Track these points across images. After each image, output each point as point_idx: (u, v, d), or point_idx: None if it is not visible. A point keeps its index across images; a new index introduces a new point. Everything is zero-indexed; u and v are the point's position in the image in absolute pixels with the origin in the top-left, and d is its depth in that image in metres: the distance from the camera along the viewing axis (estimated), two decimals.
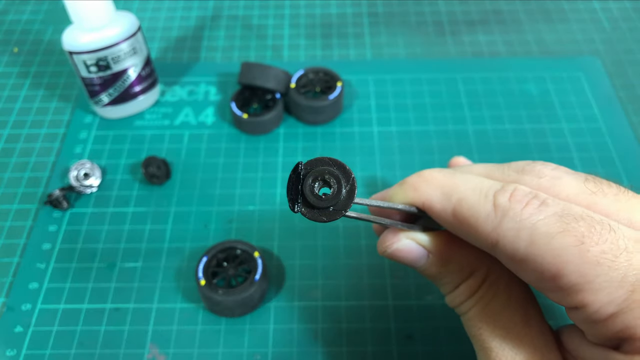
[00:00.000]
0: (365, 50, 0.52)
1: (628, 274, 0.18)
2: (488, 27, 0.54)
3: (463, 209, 0.22)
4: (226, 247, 0.35)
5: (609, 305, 0.18)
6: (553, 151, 0.43)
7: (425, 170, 0.25)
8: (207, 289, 0.33)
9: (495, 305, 0.23)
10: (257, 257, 0.34)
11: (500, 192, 0.21)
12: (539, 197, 0.20)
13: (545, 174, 0.22)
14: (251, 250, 0.35)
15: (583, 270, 0.18)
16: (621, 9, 0.55)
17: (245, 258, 0.35)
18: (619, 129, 0.44)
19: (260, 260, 0.34)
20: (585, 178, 0.22)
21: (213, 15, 0.56)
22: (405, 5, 0.57)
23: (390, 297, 0.35)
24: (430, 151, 0.43)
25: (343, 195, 0.21)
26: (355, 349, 0.33)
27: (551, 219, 0.19)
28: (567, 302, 0.19)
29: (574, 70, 0.49)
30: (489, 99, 0.47)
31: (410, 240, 0.25)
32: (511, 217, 0.20)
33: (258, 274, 0.33)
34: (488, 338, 0.22)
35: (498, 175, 0.24)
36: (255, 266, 0.34)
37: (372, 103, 0.46)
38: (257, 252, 0.34)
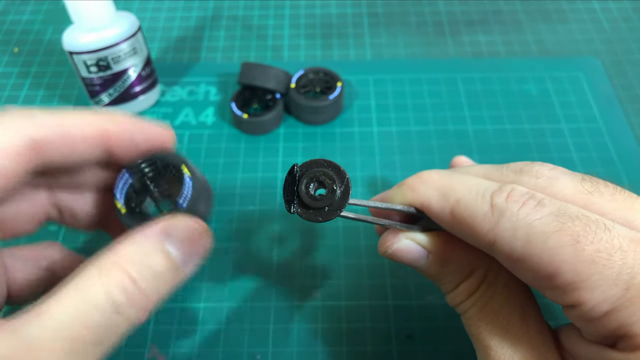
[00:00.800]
0: (365, 50, 0.52)
1: (622, 272, 0.18)
2: (488, 27, 0.54)
3: (461, 210, 0.22)
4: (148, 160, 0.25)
5: (604, 303, 0.18)
6: (553, 151, 0.43)
7: (424, 171, 0.25)
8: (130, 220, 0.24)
9: (494, 304, 0.23)
10: (185, 175, 0.24)
11: (497, 193, 0.21)
12: (536, 197, 0.20)
13: (543, 174, 0.23)
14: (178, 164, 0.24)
15: (578, 269, 0.18)
16: (621, 9, 0.55)
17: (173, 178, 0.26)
18: (619, 129, 0.44)
19: (189, 180, 0.24)
20: (582, 178, 0.22)
21: (213, 16, 0.56)
22: (405, 5, 0.57)
23: (390, 297, 0.35)
24: (430, 151, 0.43)
25: (337, 196, 0.21)
26: (355, 349, 0.33)
27: (547, 219, 0.20)
28: (563, 300, 0.20)
29: (573, 71, 0.49)
30: (489, 99, 0.47)
31: (410, 240, 0.25)
32: (508, 217, 0.20)
33: (183, 198, 0.23)
34: (487, 337, 0.23)
35: (496, 176, 0.24)
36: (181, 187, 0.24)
37: (372, 103, 0.46)
38: (187, 170, 0.24)
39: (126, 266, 0.19)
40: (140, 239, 0.20)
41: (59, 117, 0.21)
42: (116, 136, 0.22)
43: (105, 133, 0.22)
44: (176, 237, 0.21)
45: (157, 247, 0.20)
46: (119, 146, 0.23)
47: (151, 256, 0.20)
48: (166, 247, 0.20)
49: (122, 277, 0.19)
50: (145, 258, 0.20)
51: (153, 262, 0.20)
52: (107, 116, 0.22)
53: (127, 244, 0.20)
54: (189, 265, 0.21)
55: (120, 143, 0.23)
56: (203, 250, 0.22)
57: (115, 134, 0.22)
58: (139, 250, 0.20)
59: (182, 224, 0.21)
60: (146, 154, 0.24)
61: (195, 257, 0.22)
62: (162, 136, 0.24)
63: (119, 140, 0.23)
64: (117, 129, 0.22)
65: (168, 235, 0.21)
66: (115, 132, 0.22)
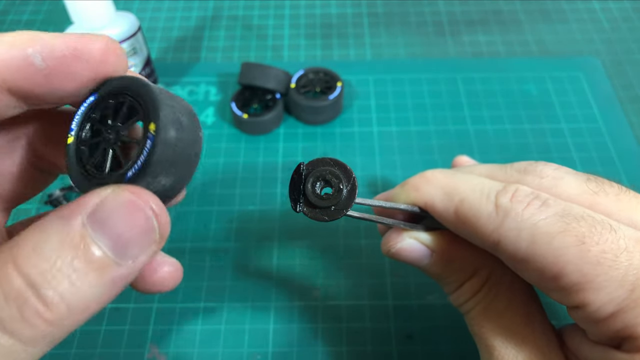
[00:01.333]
0: (365, 50, 0.52)
1: (628, 274, 0.18)
2: (488, 27, 0.54)
3: (465, 209, 0.22)
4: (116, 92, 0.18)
5: (609, 305, 0.18)
6: (553, 151, 0.43)
7: (428, 170, 0.25)
8: (75, 161, 0.18)
9: (498, 304, 0.23)
10: (148, 134, 0.17)
11: (501, 193, 0.21)
12: (540, 197, 0.20)
13: (547, 174, 0.23)
14: (150, 113, 0.17)
15: (584, 270, 0.18)
16: (621, 9, 0.55)
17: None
18: (619, 129, 0.44)
19: (149, 142, 0.16)
20: (587, 178, 0.22)
21: (213, 16, 0.56)
22: (405, 5, 0.57)
23: (390, 297, 0.35)
24: (430, 151, 0.43)
25: (344, 195, 0.21)
26: (355, 349, 0.33)
27: (552, 219, 0.19)
28: (568, 301, 0.20)
29: (573, 71, 0.49)
30: (489, 99, 0.47)
31: (413, 239, 0.25)
32: (512, 217, 0.20)
33: (136, 166, 0.16)
34: (491, 337, 0.23)
35: (500, 176, 0.24)
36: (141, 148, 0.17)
37: (372, 103, 0.46)
38: (152, 125, 0.17)
39: (23, 262, 0.14)
40: (52, 225, 0.15)
41: None
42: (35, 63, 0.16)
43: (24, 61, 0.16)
44: (107, 220, 0.15)
45: (75, 235, 0.15)
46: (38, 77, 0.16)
47: (64, 249, 0.14)
48: (88, 234, 0.15)
49: (17, 287, 0.14)
50: (57, 254, 0.14)
51: (66, 257, 0.14)
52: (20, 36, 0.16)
53: (32, 231, 0.15)
54: (132, 259, 0.16)
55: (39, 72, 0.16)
56: (150, 236, 0.16)
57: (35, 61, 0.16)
58: (48, 242, 0.14)
59: (119, 200, 0.16)
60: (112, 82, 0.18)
61: (139, 245, 0.16)
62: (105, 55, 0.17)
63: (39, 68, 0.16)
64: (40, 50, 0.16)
65: (95, 219, 0.15)
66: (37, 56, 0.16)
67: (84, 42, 0.17)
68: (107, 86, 0.18)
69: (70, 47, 0.16)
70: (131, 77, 0.18)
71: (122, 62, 0.18)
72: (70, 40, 0.17)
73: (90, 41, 0.17)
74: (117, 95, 0.18)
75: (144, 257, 0.16)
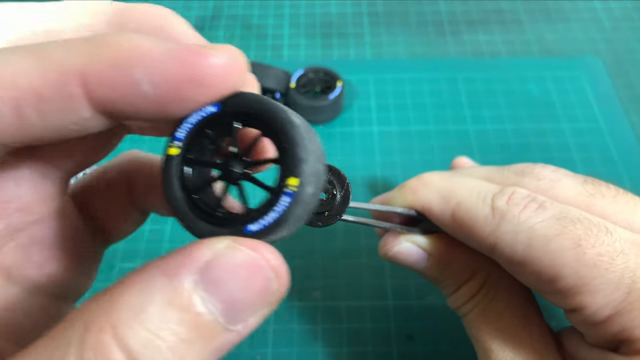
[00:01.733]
0: (365, 50, 0.52)
1: (624, 276, 0.18)
2: (488, 26, 0.54)
3: (462, 212, 0.22)
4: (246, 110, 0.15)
5: (606, 308, 0.18)
6: (553, 151, 0.43)
7: (425, 173, 0.25)
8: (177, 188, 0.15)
9: (495, 307, 0.23)
10: (288, 189, 0.14)
11: (498, 195, 0.21)
12: (537, 200, 0.20)
13: (545, 176, 0.23)
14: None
15: (580, 273, 0.18)
16: (622, 8, 0.55)
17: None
18: (620, 129, 0.44)
19: (288, 197, 0.14)
20: (584, 180, 0.22)
21: (213, 15, 0.56)
22: (405, 4, 0.56)
23: (390, 297, 0.35)
24: (430, 151, 0.43)
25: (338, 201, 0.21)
26: (355, 349, 0.33)
27: (548, 222, 0.19)
28: (565, 304, 0.20)
29: (574, 70, 0.49)
30: (489, 98, 0.46)
31: (410, 243, 0.25)
32: (509, 220, 0.20)
33: (264, 222, 0.14)
34: (488, 340, 0.23)
35: (497, 178, 0.24)
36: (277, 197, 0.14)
37: (372, 103, 0.46)
38: (294, 180, 0.14)
39: (124, 330, 0.12)
40: (155, 284, 0.13)
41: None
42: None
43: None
44: (220, 281, 0.13)
45: (183, 297, 0.13)
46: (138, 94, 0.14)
47: (171, 313, 0.12)
48: (198, 297, 0.13)
49: (113, 355, 0.12)
50: (162, 320, 0.12)
51: (172, 323, 0.12)
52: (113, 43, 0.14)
53: (133, 290, 0.13)
54: (242, 323, 0.14)
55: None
56: (267, 299, 0.14)
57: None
58: (151, 304, 0.12)
59: (236, 258, 0.13)
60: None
61: (253, 309, 0.14)
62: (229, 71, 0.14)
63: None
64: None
65: (207, 279, 0.13)
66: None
67: (202, 61, 0.14)
68: (235, 103, 0.15)
69: (185, 70, 0.13)
70: (272, 104, 0.15)
71: (246, 78, 0.15)
72: (185, 58, 0.13)
73: (209, 56, 0.14)
74: (246, 118, 0.15)
75: (255, 320, 0.14)
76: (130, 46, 0.13)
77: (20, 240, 0.17)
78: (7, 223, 0.17)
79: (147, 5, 0.17)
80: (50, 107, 0.13)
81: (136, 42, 0.13)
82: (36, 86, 0.13)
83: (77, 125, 0.14)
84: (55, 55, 0.13)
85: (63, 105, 0.13)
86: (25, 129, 0.14)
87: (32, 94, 0.13)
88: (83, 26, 0.16)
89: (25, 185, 0.17)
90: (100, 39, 0.14)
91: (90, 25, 0.16)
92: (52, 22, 0.16)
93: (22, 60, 0.13)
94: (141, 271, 0.13)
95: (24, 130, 0.14)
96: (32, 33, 0.16)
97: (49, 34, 0.16)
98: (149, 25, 0.16)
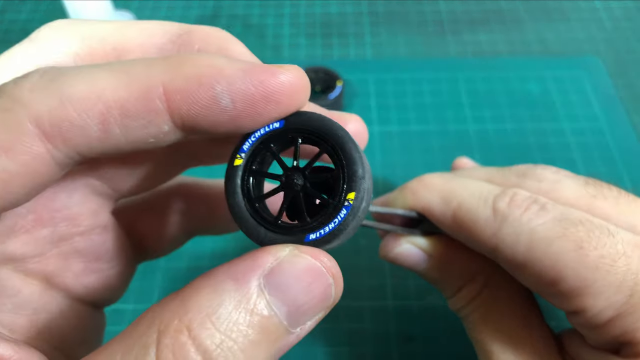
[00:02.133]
0: (366, 49, 0.52)
1: (626, 278, 0.18)
2: (489, 26, 0.54)
3: (462, 214, 0.22)
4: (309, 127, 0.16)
5: (607, 310, 0.18)
6: (554, 151, 0.42)
7: (425, 175, 0.25)
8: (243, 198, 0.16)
9: (496, 309, 0.23)
10: (346, 202, 0.16)
11: (499, 197, 0.21)
12: (539, 201, 0.20)
13: (546, 177, 0.23)
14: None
15: (582, 275, 0.18)
16: (623, 8, 0.55)
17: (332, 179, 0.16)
18: (620, 129, 0.44)
19: (346, 210, 0.16)
20: (585, 181, 0.22)
21: (213, 15, 0.56)
22: (405, 4, 0.56)
23: (390, 298, 0.35)
24: (430, 151, 0.43)
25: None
26: (355, 350, 0.33)
27: (550, 224, 0.19)
28: (566, 306, 0.20)
29: (575, 70, 0.48)
30: (490, 98, 0.46)
31: (410, 244, 0.25)
32: (510, 222, 0.20)
33: (322, 231, 0.16)
34: (489, 341, 0.22)
35: (498, 180, 0.24)
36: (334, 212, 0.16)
37: (372, 103, 0.46)
38: (353, 194, 0.15)
39: (199, 331, 0.13)
40: (225, 287, 0.13)
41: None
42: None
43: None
44: (285, 286, 0.14)
45: (250, 300, 0.13)
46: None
47: (240, 315, 0.13)
48: (264, 300, 0.14)
49: (191, 354, 0.13)
50: (233, 322, 0.13)
51: (242, 325, 0.13)
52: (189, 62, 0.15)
53: (203, 293, 0.13)
54: (301, 326, 0.15)
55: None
56: (326, 303, 0.15)
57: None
58: (222, 306, 0.13)
59: (299, 265, 0.14)
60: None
61: (313, 313, 0.15)
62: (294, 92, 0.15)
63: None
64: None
65: (272, 283, 0.14)
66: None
67: (274, 79, 0.15)
68: (297, 120, 0.16)
69: (259, 88, 0.15)
70: (333, 123, 0.16)
71: (308, 96, 0.16)
72: (259, 77, 0.15)
73: (279, 74, 0.15)
74: (308, 135, 0.16)
75: (312, 324, 0.15)
76: (210, 64, 0.15)
77: (63, 248, 0.18)
78: (53, 230, 0.18)
79: (209, 27, 0.18)
80: (133, 121, 0.14)
81: (214, 61, 0.15)
82: (122, 101, 0.14)
83: (155, 139, 0.15)
84: (138, 72, 0.14)
85: (146, 119, 0.14)
86: (108, 142, 0.15)
87: (117, 108, 0.14)
88: (152, 45, 0.17)
89: (76, 198, 0.18)
90: (180, 58, 0.15)
91: (158, 44, 0.17)
92: (122, 39, 0.17)
93: (107, 77, 0.14)
94: (209, 275, 0.14)
95: (106, 143, 0.15)
96: (102, 49, 0.17)
97: (118, 50, 0.17)
98: (212, 46, 0.18)
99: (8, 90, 0.14)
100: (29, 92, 0.14)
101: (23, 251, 0.17)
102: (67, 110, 0.14)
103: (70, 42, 0.17)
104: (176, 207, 0.22)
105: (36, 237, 0.18)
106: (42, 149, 0.14)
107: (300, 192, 0.16)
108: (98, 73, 0.14)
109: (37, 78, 0.14)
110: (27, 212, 0.17)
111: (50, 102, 0.14)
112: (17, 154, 0.14)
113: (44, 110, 0.14)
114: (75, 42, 0.17)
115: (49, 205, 0.18)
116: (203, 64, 0.15)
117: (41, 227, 0.18)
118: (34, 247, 0.18)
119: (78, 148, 0.14)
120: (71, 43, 0.17)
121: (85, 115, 0.14)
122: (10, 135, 0.13)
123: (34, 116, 0.14)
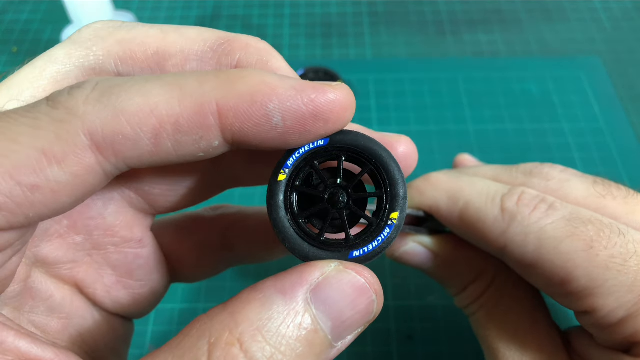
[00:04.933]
0: (366, 49, 0.52)
1: (638, 279, 0.18)
2: (489, 26, 0.54)
3: (470, 213, 0.22)
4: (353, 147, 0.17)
5: (618, 310, 0.18)
6: (554, 151, 0.42)
7: (432, 173, 0.25)
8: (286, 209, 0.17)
9: (502, 307, 0.23)
10: (390, 221, 0.16)
11: (507, 196, 0.21)
12: (547, 200, 0.20)
13: (553, 176, 0.22)
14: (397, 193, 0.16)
15: (592, 275, 0.18)
16: (622, 8, 0.55)
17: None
18: (620, 129, 0.44)
19: (389, 229, 0.16)
20: (594, 181, 0.22)
21: (213, 15, 0.56)
22: (405, 4, 0.56)
23: (390, 297, 0.35)
24: (430, 151, 0.43)
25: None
26: (355, 350, 0.33)
27: (559, 223, 0.19)
28: (576, 306, 0.19)
29: (574, 70, 0.49)
30: (490, 98, 0.46)
31: (416, 243, 0.25)
32: (519, 221, 0.20)
33: (366, 249, 0.16)
34: (495, 339, 0.22)
35: (505, 178, 0.24)
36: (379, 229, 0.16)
37: (372, 103, 0.46)
38: (396, 214, 0.16)
39: (250, 344, 0.13)
40: (273, 301, 0.14)
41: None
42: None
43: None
44: (331, 301, 0.14)
45: (298, 314, 0.14)
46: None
47: (289, 329, 0.14)
48: (311, 314, 0.14)
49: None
50: (282, 335, 0.13)
51: (290, 339, 0.14)
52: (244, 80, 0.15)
53: (252, 306, 0.14)
54: (344, 340, 0.15)
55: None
56: (368, 318, 0.15)
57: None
58: (271, 320, 0.14)
59: (345, 280, 0.15)
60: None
61: (355, 327, 0.15)
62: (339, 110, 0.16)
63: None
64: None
65: (318, 298, 0.14)
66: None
67: (324, 98, 0.15)
68: (341, 139, 0.16)
69: (309, 106, 0.15)
70: (377, 144, 0.16)
71: (353, 114, 0.16)
72: (310, 96, 0.15)
73: (328, 93, 0.15)
74: (352, 154, 0.16)
75: (352, 338, 0.15)
76: (261, 81, 0.15)
77: (95, 258, 0.19)
78: (86, 238, 0.18)
79: (248, 37, 0.18)
80: (186, 136, 0.15)
81: (265, 78, 0.15)
82: (175, 117, 0.14)
83: (204, 153, 0.15)
84: (192, 87, 0.14)
85: (198, 135, 0.15)
86: (158, 156, 0.15)
87: (171, 124, 0.14)
88: (193, 52, 0.17)
89: (112, 208, 0.18)
90: (232, 74, 0.15)
91: (199, 51, 0.17)
92: (163, 44, 0.17)
93: (160, 91, 0.14)
94: (257, 288, 0.14)
95: (157, 156, 0.15)
96: (143, 53, 0.17)
97: (159, 55, 0.17)
98: (252, 57, 0.18)
99: (63, 100, 0.14)
100: (83, 104, 0.14)
101: (55, 256, 0.18)
102: (121, 123, 0.14)
103: (111, 45, 0.17)
104: (216, 239, 0.22)
105: (69, 243, 0.18)
106: (92, 161, 0.14)
107: (344, 210, 0.16)
108: (151, 86, 0.14)
109: (91, 89, 0.14)
110: (62, 218, 0.17)
111: (104, 115, 0.14)
112: (69, 165, 0.14)
113: (98, 123, 0.14)
114: (116, 45, 0.17)
115: (84, 212, 0.18)
116: (256, 82, 0.15)
117: (75, 233, 0.18)
118: (67, 253, 0.18)
119: (128, 160, 0.15)
120: (112, 45, 0.17)
121: (138, 129, 0.14)
122: (64, 147, 0.14)
123: (88, 128, 0.14)
